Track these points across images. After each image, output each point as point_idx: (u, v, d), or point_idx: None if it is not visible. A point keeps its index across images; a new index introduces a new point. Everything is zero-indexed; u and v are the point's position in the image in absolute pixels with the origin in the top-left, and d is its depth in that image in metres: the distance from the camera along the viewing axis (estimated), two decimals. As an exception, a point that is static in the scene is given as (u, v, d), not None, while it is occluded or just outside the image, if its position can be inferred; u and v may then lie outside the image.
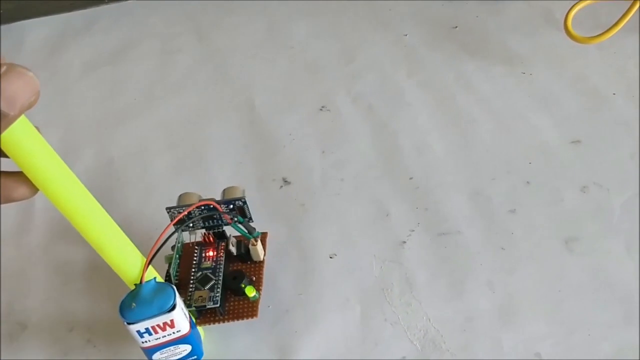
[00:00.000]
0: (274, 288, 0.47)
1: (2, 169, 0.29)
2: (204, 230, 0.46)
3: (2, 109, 0.23)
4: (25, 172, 0.28)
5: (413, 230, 0.49)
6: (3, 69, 0.23)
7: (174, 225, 0.44)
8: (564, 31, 0.59)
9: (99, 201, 0.33)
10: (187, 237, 0.47)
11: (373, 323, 0.44)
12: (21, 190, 0.29)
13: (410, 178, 0.53)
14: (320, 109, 0.61)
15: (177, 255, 0.45)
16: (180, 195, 0.45)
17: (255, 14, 0.72)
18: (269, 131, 0.59)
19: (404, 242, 0.49)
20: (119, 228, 0.33)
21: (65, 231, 0.53)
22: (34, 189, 0.29)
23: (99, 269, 0.49)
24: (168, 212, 0.44)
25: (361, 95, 0.61)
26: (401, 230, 0.49)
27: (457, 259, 0.47)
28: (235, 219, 0.44)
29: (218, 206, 0.43)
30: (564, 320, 0.43)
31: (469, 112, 0.58)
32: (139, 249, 0.38)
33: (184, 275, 0.45)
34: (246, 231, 0.44)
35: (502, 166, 0.53)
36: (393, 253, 0.48)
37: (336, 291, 0.46)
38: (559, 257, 0.46)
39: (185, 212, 0.43)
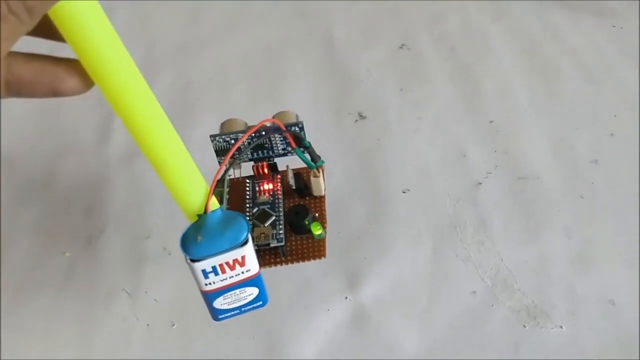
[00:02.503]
0: (345, 216, 0.47)
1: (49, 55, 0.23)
2: (252, 163, 0.40)
3: None
4: (80, 57, 0.23)
5: (490, 173, 0.49)
6: None
7: (218, 157, 0.39)
8: (663, -16, 0.56)
9: (173, 122, 0.27)
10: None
11: (444, 258, 0.44)
12: (72, 82, 0.23)
13: (491, 121, 0.52)
14: (400, 47, 0.60)
15: (227, 190, 0.38)
16: (223, 123, 0.40)
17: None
18: (347, 66, 0.59)
19: (480, 183, 0.48)
20: (184, 147, 0.27)
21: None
22: (88, 84, 0.23)
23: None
24: (212, 141, 0.39)
25: (443, 36, 0.60)
26: (478, 172, 0.49)
27: (534, 204, 0.46)
28: (302, 144, 0.38)
29: (283, 126, 0.37)
30: (642, 272, 0.42)
31: (555, 61, 0.56)
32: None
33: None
34: (310, 159, 0.38)
35: (586, 116, 0.51)
36: (468, 193, 0.47)
37: (408, 224, 0.46)
38: (640, 210, 0.45)
39: (245, 137, 0.37)
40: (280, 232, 0.37)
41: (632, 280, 0.41)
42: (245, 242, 0.29)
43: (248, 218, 0.38)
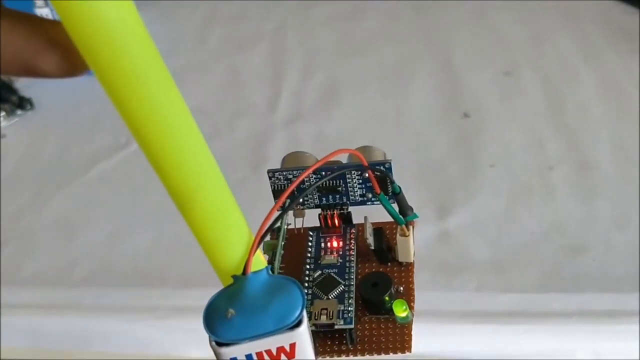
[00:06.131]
0: (443, 177, 0.63)
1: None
2: (319, 210, 0.31)
3: None
4: (66, 24, 0.15)
5: (562, 162, 0.63)
6: None
7: (276, 200, 0.30)
8: None
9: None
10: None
11: (514, 209, 0.59)
12: (52, 60, 0.16)
13: (568, 127, 0.67)
14: (505, 74, 0.76)
15: (282, 243, 0.31)
16: (286, 156, 0.32)
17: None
18: (459, 79, 0.75)
19: (552, 167, 0.63)
20: (219, 171, 0.21)
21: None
22: (77, 66, 0.16)
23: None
24: (270, 178, 0.30)
25: (541, 68, 0.75)
26: (553, 160, 0.63)
27: (592, 185, 0.60)
28: (389, 190, 0.29)
29: (365, 161, 0.28)
30: None
31: (627, 91, 0.71)
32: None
33: (290, 273, 0.30)
34: (397, 211, 0.29)
35: (644, 130, 0.65)
36: (541, 172, 0.62)
37: (490, 186, 0.61)
38: None
39: (309, 171, 0.29)
40: (350, 308, 0.28)
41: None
42: (298, 324, 0.22)
43: (307, 285, 0.29)
